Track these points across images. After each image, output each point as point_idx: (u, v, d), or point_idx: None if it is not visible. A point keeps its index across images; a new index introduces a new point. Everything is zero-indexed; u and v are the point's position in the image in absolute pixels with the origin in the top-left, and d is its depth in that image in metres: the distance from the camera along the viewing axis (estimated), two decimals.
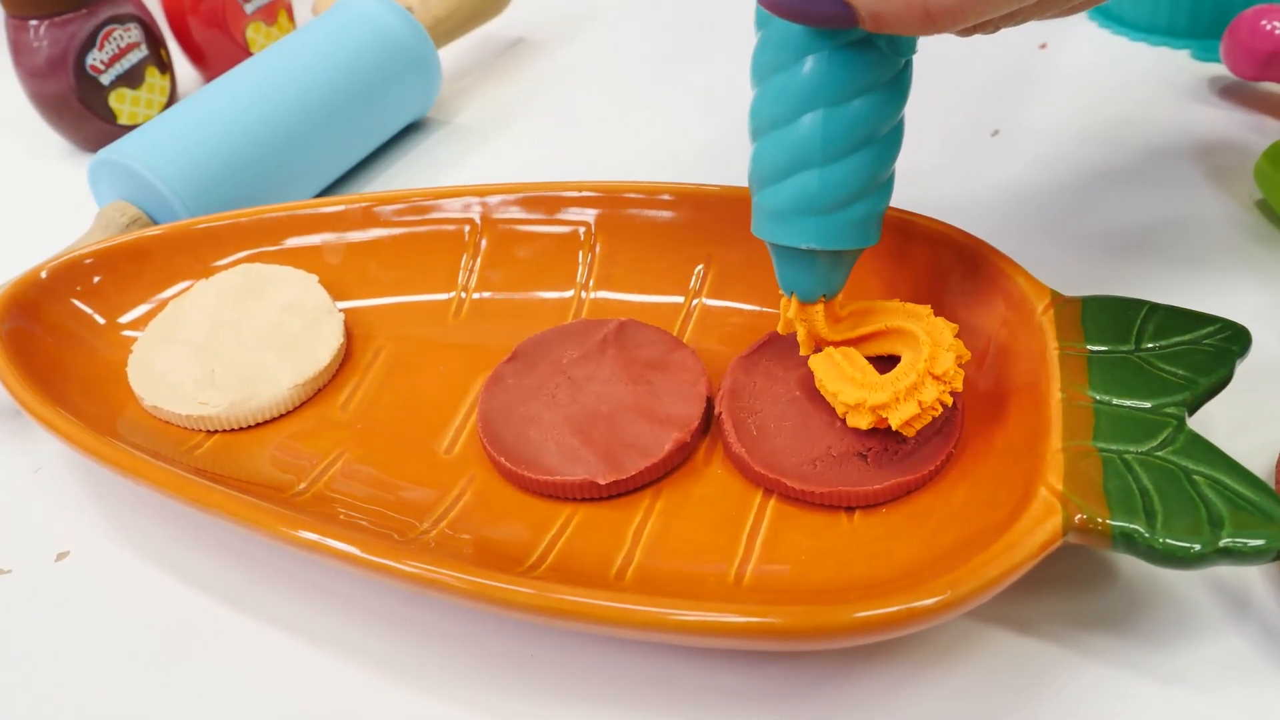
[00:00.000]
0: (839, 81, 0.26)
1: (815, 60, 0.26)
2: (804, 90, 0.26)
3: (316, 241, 0.37)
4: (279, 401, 0.33)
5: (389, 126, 0.48)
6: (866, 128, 0.26)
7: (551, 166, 0.46)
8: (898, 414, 0.27)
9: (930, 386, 0.27)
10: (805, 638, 0.22)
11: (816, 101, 0.26)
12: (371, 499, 0.29)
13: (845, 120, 0.26)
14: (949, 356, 0.27)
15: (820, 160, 0.26)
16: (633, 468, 0.29)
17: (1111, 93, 0.47)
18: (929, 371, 0.27)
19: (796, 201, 0.27)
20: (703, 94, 0.51)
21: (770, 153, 0.27)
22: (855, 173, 0.27)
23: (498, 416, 0.31)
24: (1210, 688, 0.25)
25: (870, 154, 0.27)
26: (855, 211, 0.27)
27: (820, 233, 0.27)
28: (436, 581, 0.24)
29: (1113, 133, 0.44)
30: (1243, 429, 0.29)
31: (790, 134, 0.26)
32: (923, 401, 0.27)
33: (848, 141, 0.26)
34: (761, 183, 0.28)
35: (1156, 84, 0.47)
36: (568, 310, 0.35)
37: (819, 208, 0.27)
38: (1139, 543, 0.23)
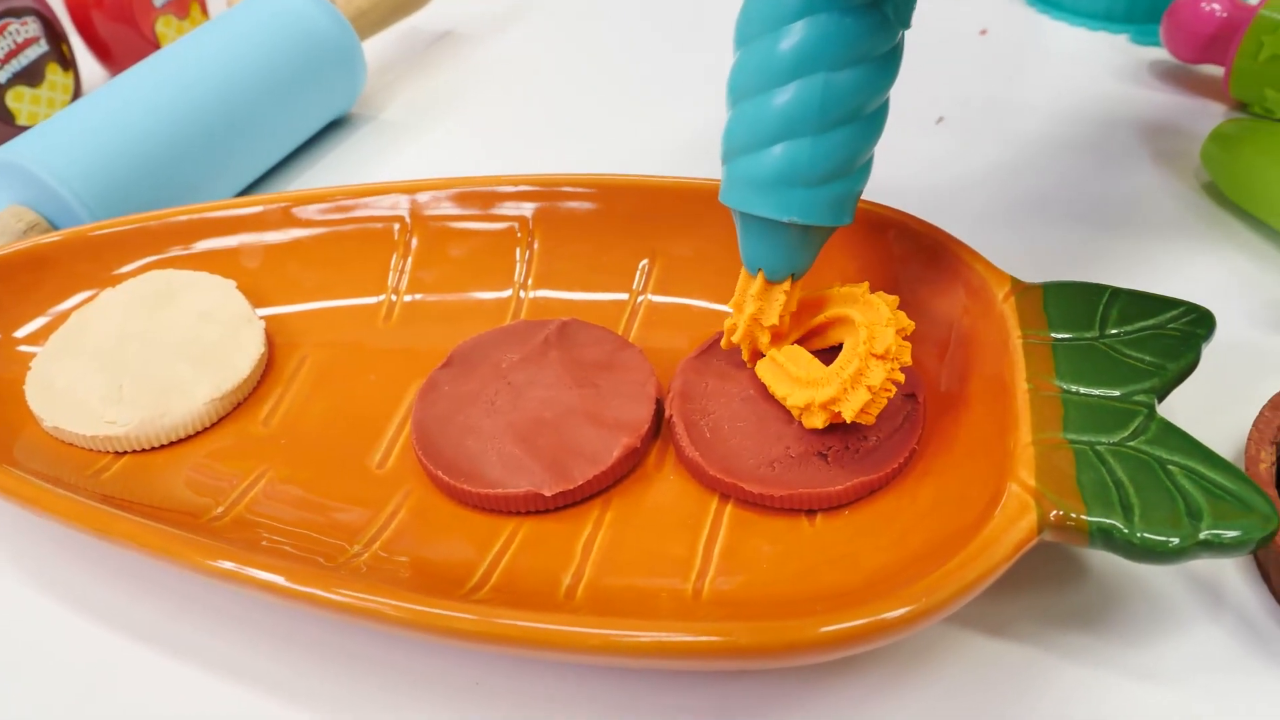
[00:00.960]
0: (845, 46, 0.24)
1: (822, 21, 0.24)
2: (805, 52, 0.24)
3: (233, 244, 0.35)
4: (195, 417, 0.31)
5: (310, 123, 0.46)
6: (863, 98, 0.25)
7: (484, 163, 0.44)
8: (849, 405, 0.26)
9: (876, 368, 0.26)
10: (771, 656, 0.21)
11: (818, 65, 0.24)
12: (297, 521, 0.27)
13: (846, 88, 0.24)
14: (888, 332, 0.26)
15: (815, 128, 0.25)
16: (580, 477, 0.27)
17: (1053, 78, 0.46)
18: (870, 353, 0.26)
19: (783, 171, 0.25)
20: (638, 85, 0.49)
21: (757, 117, 0.25)
22: (847, 145, 0.25)
23: (434, 426, 0.29)
24: (1191, 682, 0.24)
25: (863, 127, 0.25)
26: (840, 187, 0.26)
27: (804, 205, 0.25)
28: (370, 610, 0.22)
29: (1057, 118, 0.44)
30: (1207, 414, 0.29)
31: (784, 98, 0.25)
32: (871, 386, 0.25)
33: (844, 111, 0.25)
34: (742, 149, 0.26)
35: (1098, 68, 0.46)
36: (506, 311, 0.33)
37: (807, 179, 0.25)
38: (1117, 538, 0.22)
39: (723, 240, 0.32)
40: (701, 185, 0.33)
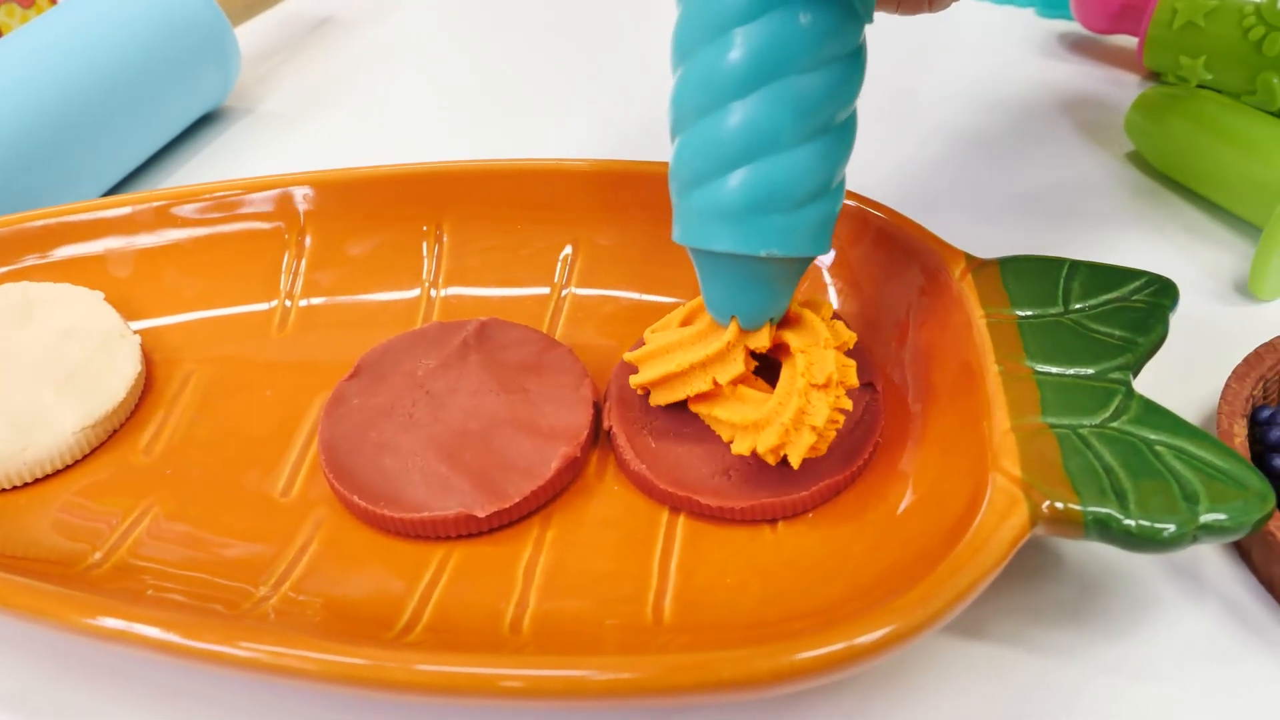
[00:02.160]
0: (813, 44, 0.21)
1: (782, 19, 0.21)
2: (767, 56, 0.21)
3: (99, 250, 0.31)
4: (63, 449, 0.27)
5: (179, 117, 0.41)
6: (836, 103, 0.22)
7: (378, 156, 0.41)
8: (795, 449, 0.23)
9: (819, 403, 0.23)
10: (753, 687, 0.18)
11: (784, 69, 0.21)
12: (191, 563, 0.24)
13: (819, 93, 0.21)
14: (827, 356, 0.23)
15: (788, 143, 0.21)
16: (516, 493, 0.24)
17: (964, 56, 0.45)
18: (811, 384, 0.23)
19: (756, 196, 0.21)
20: (533, 68, 0.47)
21: (715, 138, 0.21)
22: (826, 158, 0.22)
23: (344, 445, 0.26)
24: (1179, 671, 0.23)
25: (839, 135, 0.22)
26: (820, 208, 0.22)
27: (783, 235, 0.22)
28: (284, 666, 0.19)
29: (973, 99, 0.42)
30: (1166, 389, 0.27)
31: (747, 112, 0.21)
32: (816, 426, 0.23)
33: (819, 119, 0.21)
34: (700, 178, 0.22)
35: (1008, 45, 0.46)
36: (415, 312, 0.30)
37: (784, 203, 0.22)
38: (1113, 528, 0.20)
39: (647, 226, 0.30)
40: (619, 168, 0.30)
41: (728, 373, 0.24)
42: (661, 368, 0.25)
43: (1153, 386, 0.27)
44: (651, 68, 0.45)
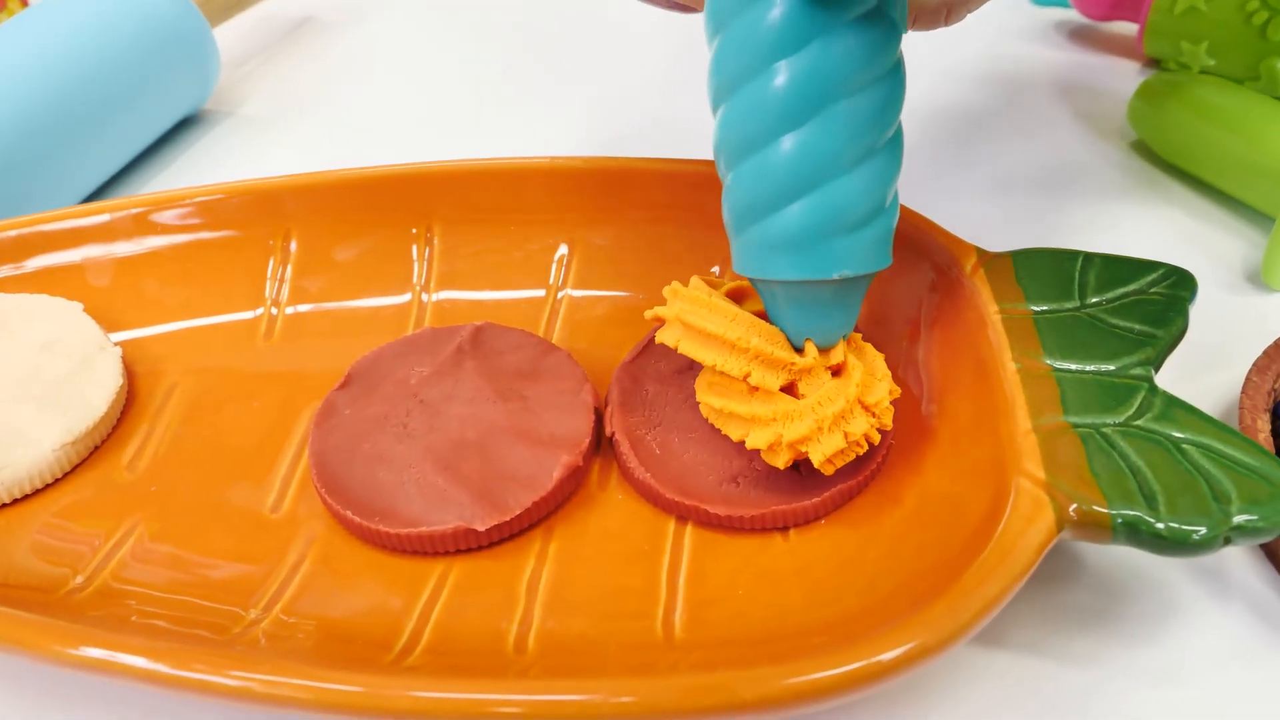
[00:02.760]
0: (858, 65, 0.20)
1: (827, 45, 0.20)
2: (816, 84, 0.20)
3: (76, 259, 0.30)
4: (42, 468, 0.26)
5: (158, 121, 0.40)
6: (886, 119, 0.21)
7: (362, 158, 0.40)
8: (820, 449, 0.22)
9: (860, 417, 0.22)
10: (775, 707, 0.17)
11: (834, 95, 0.20)
12: (177, 586, 0.23)
13: (869, 113, 0.21)
14: (881, 386, 0.23)
15: (846, 165, 0.21)
16: (516, 505, 0.23)
17: (960, 45, 0.44)
18: (860, 400, 0.22)
19: (821, 222, 0.21)
20: (513, 66, 0.46)
21: (771, 170, 0.21)
22: (882, 174, 0.21)
23: (336, 458, 0.25)
24: (1202, 678, 0.22)
25: (889, 152, 0.22)
26: (880, 224, 0.22)
27: (851, 255, 0.21)
28: (276, 696, 0.18)
29: (970, 87, 0.42)
30: (1184, 383, 0.27)
31: (802, 141, 0.21)
32: (849, 433, 0.22)
33: (871, 139, 0.21)
34: (760, 211, 0.21)
35: (1006, 33, 0.45)
36: (406, 318, 0.29)
37: (846, 225, 0.21)
38: (1143, 531, 0.19)
39: (644, 224, 0.29)
40: (615, 165, 0.29)
41: (768, 379, 0.23)
42: (714, 326, 0.23)
43: (1167, 381, 0.26)
44: (639, 63, 0.45)
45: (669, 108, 0.41)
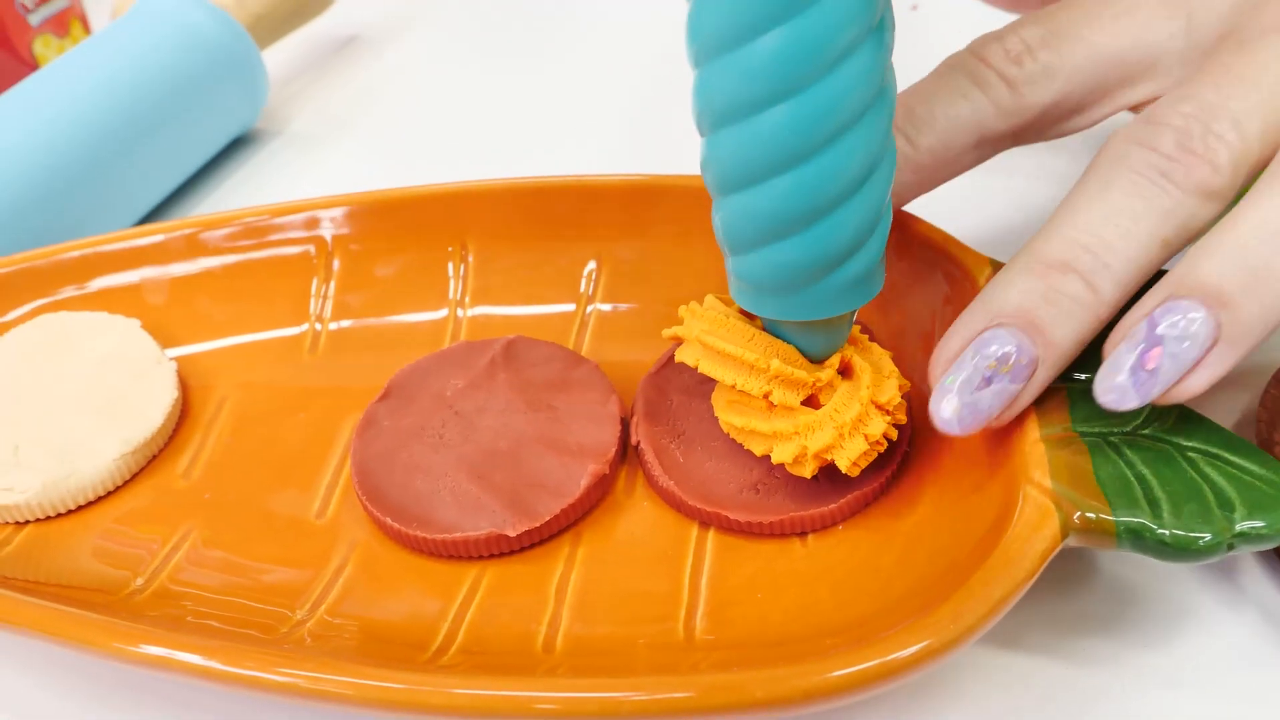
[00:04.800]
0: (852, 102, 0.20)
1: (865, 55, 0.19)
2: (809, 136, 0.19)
3: (134, 279, 0.31)
4: (104, 476, 0.27)
5: (211, 142, 0.42)
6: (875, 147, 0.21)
7: (405, 173, 0.41)
8: (845, 454, 0.23)
9: (876, 418, 0.23)
10: (787, 706, 0.18)
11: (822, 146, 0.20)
12: (229, 588, 0.24)
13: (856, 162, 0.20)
14: (891, 384, 0.23)
15: (829, 209, 0.20)
16: (546, 512, 0.24)
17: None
18: (873, 401, 0.23)
19: (799, 273, 0.21)
20: (555, 84, 0.47)
21: (755, 214, 0.21)
22: (883, 191, 0.21)
23: (376, 467, 0.26)
24: (1214, 682, 0.22)
25: (890, 163, 0.21)
26: (867, 258, 0.22)
27: (837, 297, 0.22)
28: (320, 691, 0.19)
29: None
30: (1200, 396, 0.27)
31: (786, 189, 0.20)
32: (869, 435, 0.23)
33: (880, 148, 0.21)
34: (745, 247, 0.21)
35: None
36: (443, 333, 0.30)
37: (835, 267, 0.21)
38: (1147, 538, 0.20)
39: (671, 239, 0.30)
40: (643, 182, 0.30)
41: (789, 397, 0.23)
42: (733, 347, 0.23)
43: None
44: (674, 81, 0.46)
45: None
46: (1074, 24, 0.24)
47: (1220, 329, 0.20)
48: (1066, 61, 0.24)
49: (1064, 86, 0.24)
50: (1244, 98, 0.21)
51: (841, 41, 0.19)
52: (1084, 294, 0.21)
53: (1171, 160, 0.21)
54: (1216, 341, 0.20)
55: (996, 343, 0.21)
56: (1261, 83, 0.21)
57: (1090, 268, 0.21)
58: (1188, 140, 0.21)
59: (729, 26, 0.19)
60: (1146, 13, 0.24)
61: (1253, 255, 0.19)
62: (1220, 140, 0.21)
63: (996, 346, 0.21)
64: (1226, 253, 0.20)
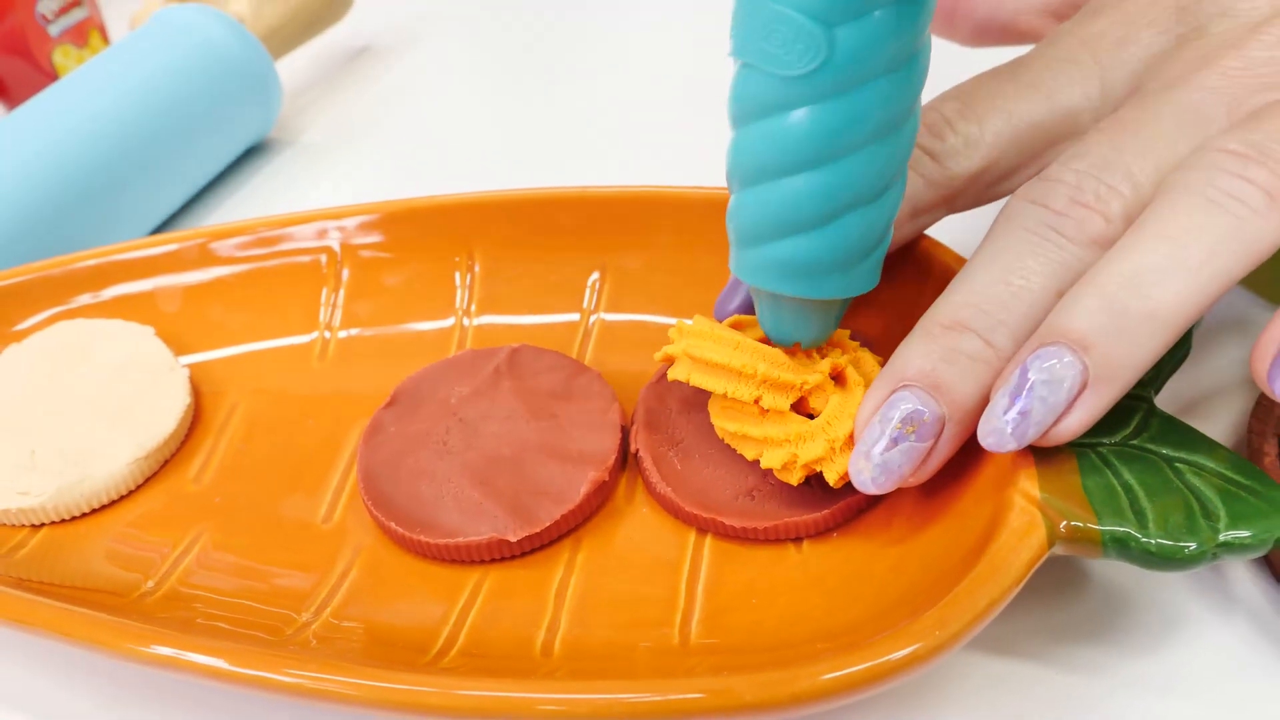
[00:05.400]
0: (888, 112, 0.21)
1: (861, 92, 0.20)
2: (840, 135, 0.20)
3: (147, 288, 0.32)
4: (117, 480, 0.28)
5: (225, 152, 0.43)
6: (898, 163, 0.22)
7: (415, 183, 0.42)
8: (834, 468, 0.23)
9: None
10: (776, 709, 0.19)
11: (853, 146, 0.21)
12: (237, 590, 0.25)
13: (888, 154, 0.21)
14: None
15: (856, 204, 0.21)
16: (547, 518, 0.25)
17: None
18: None
19: (827, 256, 0.22)
20: (564, 93, 0.47)
21: (781, 203, 0.21)
22: (886, 212, 0.22)
23: (382, 473, 0.27)
24: (1204, 690, 0.23)
25: (898, 191, 0.22)
26: (877, 254, 0.23)
27: (848, 281, 0.23)
28: (325, 692, 0.20)
29: None
30: (1194, 406, 0.27)
31: (814, 184, 0.21)
32: None
33: (882, 182, 0.21)
34: (764, 236, 0.22)
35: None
36: (449, 341, 0.31)
37: (848, 259, 0.22)
38: (1132, 547, 0.20)
39: (673, 250, 0.31)
40: (646, 194, 0.31)
41: (778, 400, 0.24)
42: (720, 356, 0.24)
43: (1182, 402, 0.27)
44: (683, 93, 0.46)
45: (701, 135, 0.43)
46: (989, 95, 0.25)
47: (1088, 372, 0.20)
48: (987, 131, 0.25)
49: (988, 154, 0.25)
50: (1137, 150, 0.22)
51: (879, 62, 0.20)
52: (982, 350, 0.22)
53: (1062, 215, 0.22)
54: (1085, 385, 0.20)
55: (902, 404, 0.22)
56: (1156, 134, 0.22)
57: (985, 326, 0.22)
58: (1079, 195, 0.22)
59: None
60: (1061, 79, 0.25)
61: (1115, 300, 0.20)
62: (1112, 191, 0.22)
63: (902, 408, 0.22)
64: (1091, 299, 0.20)
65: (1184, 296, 0.20)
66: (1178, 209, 0.20)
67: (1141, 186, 0.22)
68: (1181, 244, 0.20)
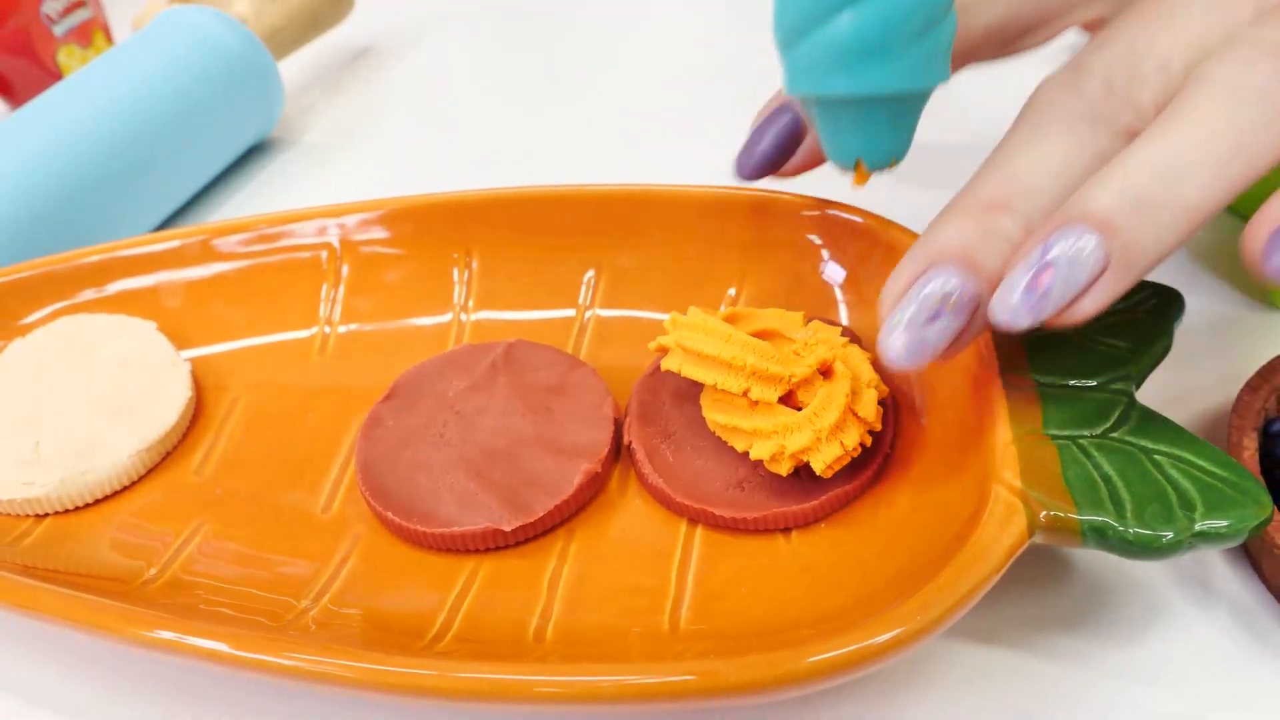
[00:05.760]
0: None
1: None
2: None
3: (150, 283, 0.33)
4: (120, 472, 0.28)
5: (228, 150, 0.43)
6: None
7: (416, 182, 0.42)
8: (820, 457, 0.24)
9: (853, 428, 0.24)
10: (760, 691, 0.19)
11: None
12: (238, 578, 0.25)
13: None
14: (871, 395, 0.25)
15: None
16: (540, 508, 0.25)
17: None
18: (851, 410, 0.24)
19: (879, 29, 0.21)
20: (563, 93, 0.48)
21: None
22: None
23: (380, 464, 0.27)
24: (1187, 679, 0.23)
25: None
26: (937, 36, 0.22)
27: (916, 67, 0.22)
28: (324, 674, 0.20)
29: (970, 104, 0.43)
30: (1178, 401, 0.28)
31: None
32: (845, 443, 0.24)
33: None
34: (810, 22, 0.21)
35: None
36: (447, 336, 0.32)
37: (902, 37, 0.21)
38: (1110, 536, 0.21)
39: (667, 247, 0.31)
40: (641, 192, 0.31)
41: (767, 392, 0.24)
42: (711, 348, 0.24)
43: (1166, 397, 0.28)
44: (680, 93, 0.47)
45: (696, 135, 0.43)
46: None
47: (1109, 256, 0.20)
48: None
49: (1006, 9, 0.25)
50: (1168, 35, 0.22)
51: None
52: (1019, 234, 0.21)
53: (1098, 105, 0.22)
54: (1106, 267, 0.20)
55: (939, 279, 0.21)
56: (1187, 19, 0.22)
57: (1025, 209, 0.22)
58: (1113, 85, 0.22)
59: None
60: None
61: (1141, 187, 0.20)
62: (1144, 83, 0.22)
63: (939, 283, 0.21)
64: (1117, 184, 0.20)
65: (1210, 189, 0.20)
66: (1208, 100, 0.20)
67: (1172, 73, 0.21)
68: (1210, 137, 0.20)
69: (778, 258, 0.30)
